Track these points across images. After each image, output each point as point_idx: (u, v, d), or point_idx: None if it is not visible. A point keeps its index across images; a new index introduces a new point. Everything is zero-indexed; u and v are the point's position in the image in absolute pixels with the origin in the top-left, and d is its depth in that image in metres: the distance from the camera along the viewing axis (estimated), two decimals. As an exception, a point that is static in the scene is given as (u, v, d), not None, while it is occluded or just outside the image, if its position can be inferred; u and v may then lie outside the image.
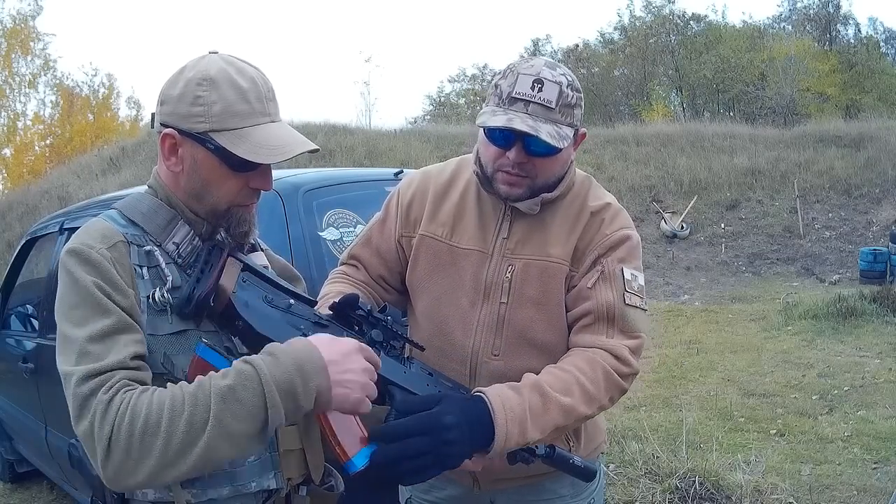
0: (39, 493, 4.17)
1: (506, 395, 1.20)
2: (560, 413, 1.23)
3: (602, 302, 1.34)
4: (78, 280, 1.01)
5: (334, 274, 1.58)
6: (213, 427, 0.90)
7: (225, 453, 0.93)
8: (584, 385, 1.26)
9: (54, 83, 24.07)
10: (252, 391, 0.93)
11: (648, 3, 31.63)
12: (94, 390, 0.93)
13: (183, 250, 1.11)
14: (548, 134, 1.26)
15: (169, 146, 1.10)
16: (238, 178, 1.11)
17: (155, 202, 1.13)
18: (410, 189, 1.54)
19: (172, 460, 0.91)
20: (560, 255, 1.38)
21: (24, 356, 3.46)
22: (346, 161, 13.60)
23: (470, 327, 1.41)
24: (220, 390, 0.92)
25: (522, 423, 1.18)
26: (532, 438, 1.20)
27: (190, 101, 1.07)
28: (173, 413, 0.91)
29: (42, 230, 3.83)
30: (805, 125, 17.57)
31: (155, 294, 1.04)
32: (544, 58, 1.37)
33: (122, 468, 0.91)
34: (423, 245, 1.47)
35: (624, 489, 3.40)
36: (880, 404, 4.87)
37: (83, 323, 0.98)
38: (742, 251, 12.88)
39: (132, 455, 0.90)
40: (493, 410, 1.17)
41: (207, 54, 1.13)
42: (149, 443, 0.90)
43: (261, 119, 1.09)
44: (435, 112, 34.66)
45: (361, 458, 1.07)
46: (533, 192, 1.37)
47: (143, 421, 0.90)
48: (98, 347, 0.96)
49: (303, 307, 1.14)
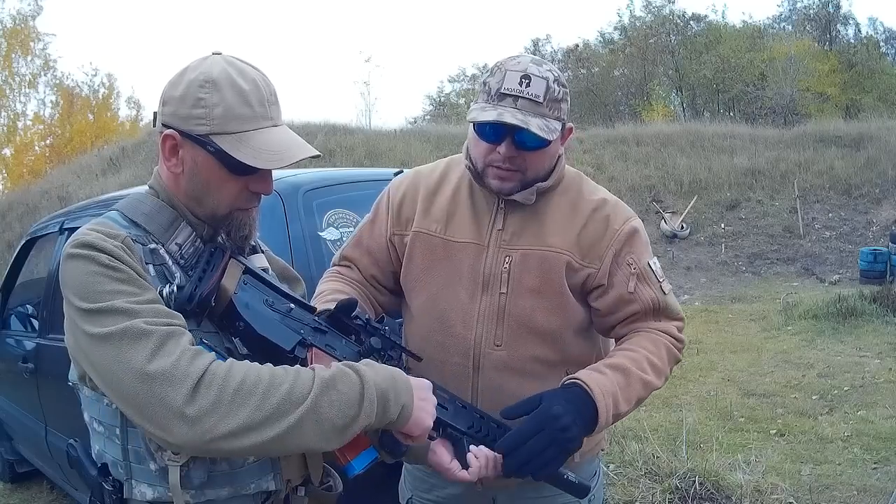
0: (39, 493, 4.17)
1: (595, 377, 1.30)
2: (641, 386, 1.34)
3: (647, 301, 1.42)
4: (93, 260, 0.97)
5: (328, 273, 1.60)
6: (310, 406, 0.94)
7: (308, 437, 0.96)
8: (653, 360, 1.37)
9: (54, 83, 24.11)
10: (352, 385, 0.99)
11: (648, 3, 31.64)
12: (175, 332, 0.94)
13: (185, 251, 1.11)
14: (537, 127, 1.29)
15: (170, 147, 1.09)
16: (238, 182, 1.10)
17: (157, 203, 1.12)
18: (401, 189, 1.55)
19: (260, 423, 0.92)
20: (559, 245, 1.40)
21: (24, 356, 3.46)
22: (346, 161, 13.58)
23: (470, 319, 1.42)
24: (323, 377, 0.98)
25: (615, 397, 1.29)
26: (622, 411, 1.32)
27: (191, 102, 1.06)
28: (273, 381, 0.95)
29: (42, 230, 3.83)
30: (805, 125, 17.56)
31: (163, 291, 1.03)
32: (530, 55, 1.40)
33: (206, 414, 0.91)
34: (418, 241, 1.48)
35: (624, 489, 3.40)
36: (880, 404, 4.87)
37: (116, 294, 0.95)
38: (742, 251, 12.88)
39: (222, 403, 0.91)
40: (591, 391, 1.27)
41: (211, 55, 1.12)
42: (243, 398, 0.92)
43: (262, 123, 1.08)
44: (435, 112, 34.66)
45: (361, 461, 1.08)
46: (524, 186, 1.39)
47: (242, 378, 0.93)
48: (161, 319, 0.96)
49: (302, 312, 1.15)
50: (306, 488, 1.17)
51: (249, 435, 0.92)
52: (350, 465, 1.08)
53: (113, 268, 0.98)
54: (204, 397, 0.91)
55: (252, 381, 0.93)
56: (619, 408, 1.31)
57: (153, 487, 1.03)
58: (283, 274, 1.33)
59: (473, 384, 1.43)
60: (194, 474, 1.02)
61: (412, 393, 1.06)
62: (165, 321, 0.96)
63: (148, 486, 1.03)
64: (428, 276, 1.47)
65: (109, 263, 0.98)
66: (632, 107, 29.48)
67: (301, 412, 0.93)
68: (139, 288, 0.98)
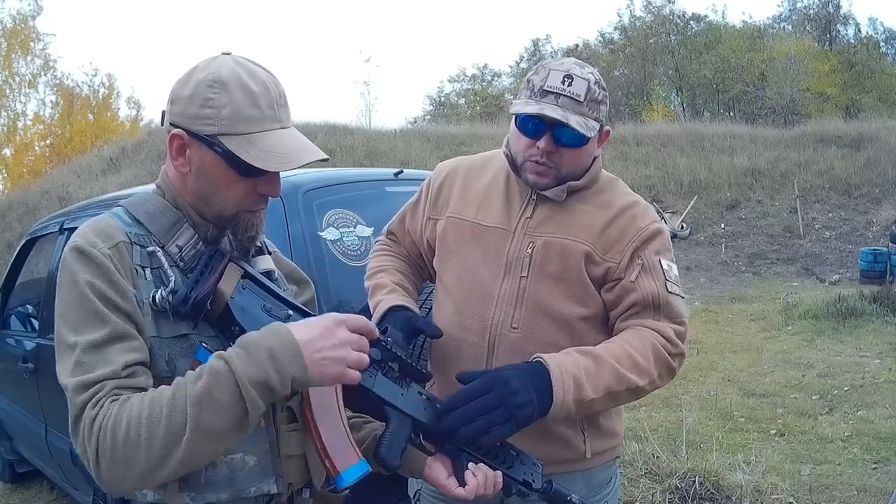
0: (39, 493, 4.17)
1: (557, 356, 1.29)
2: (612, 375, 1.29)
3: (647, 292, 1.40)
4: (77, 282, 1.01)
5: (379, 244, 1.71)
6: (193, 429, 0.92)
7: (208, 451, 0.95)
8: (633, 355, 1.33)
9: (54, 83, 24.12)
10: (228, 391, 0.93)
11: (648, 3, 31.70)
12: (84, 405, 0.96)
13: (185, 253, 1.10)
14: (577, 123, 1.35)
15: (177, 146, 1.09)
16: (245, 183, 1.09)
17: (162, 203, 1.12)
18: (442, 174, 1.62)
19: (157, 464, 0.93)
20: (582, 237, 1.43)
21: (24, 356, 3.46)
22: (346, 161, 13.58)
23: (490, 300, 1.45)
24: (196, 393, 0.93)
25: (577, 378, 1.26)
26: (588, 396, 1.27)
27: (200, 102, 1.05)
28: (151, 420, 0.92)
29: (42, 230, 3.83)
30: (805, 125, 17.57)
31: (156, 295, 1.04)
32: (573, 59, 1.46)
33: (110, 477, 0.95)
34: (450, 226, 1.54)
35: (624, 489, 3.40)
36: (880, 404, 4.88)
37: (79, 330, 0.99)
38: (742, 251, 12.88)
39: (118, 465, 0.94)
40: (547, 365, 1.25)
41: (220, 55, 1.11)
42: (131, 453, 0.93)
43: (271, 125, 1.08)
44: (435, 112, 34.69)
45: (351, 473, 1.08)
46: (559, 182, 1.44)
47: (125, 432, 0.93)
48: (91, 358, 0.98)
49: (301, 319, 1.14)
50: (311, 490, 1.16)
51: (156, 474, 0.94)
52: (340, 476, 1.07)
53: (85, 296, 1.00)
54: (103, 465, 0.94)
55: (134, 430, 0.93)
56: (583, 392, 1.27)
57: (153, 488, 1.03)
58: (292, 276, 1.32)
59: (488, 365, 1.44)
60: (192, 477, 1.01)
61: (301, 358, 0.97)
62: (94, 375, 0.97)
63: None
64: (456, 257, 1.52)
65: (85, 292, 1.00)
66: (632, 107, 29.50)
67: (187, 437, 0.92)
68: (98, 320, 0.99)
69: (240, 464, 1.06)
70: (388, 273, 1.59)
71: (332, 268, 2.23)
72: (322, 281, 2.16)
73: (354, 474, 1.08)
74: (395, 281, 1.56)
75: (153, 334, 1.03)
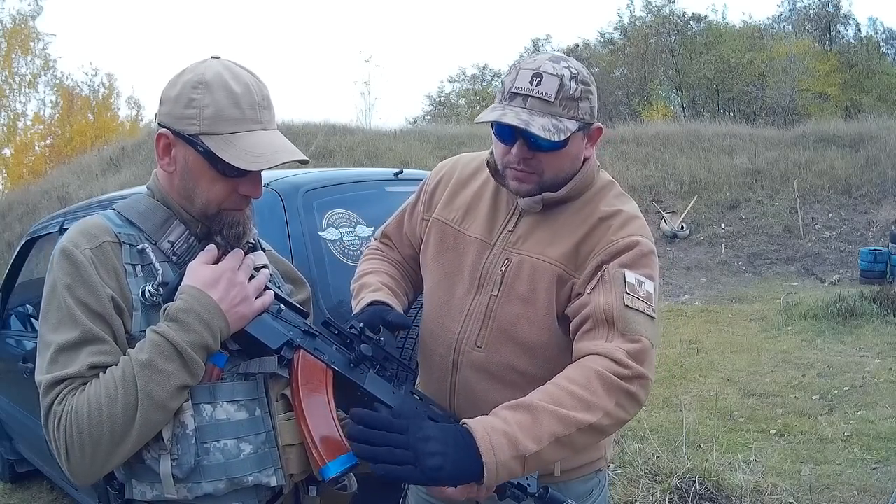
0: (39, 493, 4.17)
1: (484, 419, 1.12)
2: (554, 420, 1.12)
3: (599, 305, 1.25)
4: (56, 284, 1.06)
5: (370, 249, 1.64)
6: (143, 400, 0.99)
7: (158, 418, 1.01)
8: (575, 392, 1.15)
9: (54, 83, 24.12)
10: (172, 360, 1.02)
11: (648, 3, 31.66)
12: (52, 401, 1.02)
13: (178, 248, 1.14)
14: (541, 127, 1.23)
15: (163, 146, 1.13)
16: (227, 183, 1.13)
17: (152, 202, 1.17)
18: (440, 173, 1.57)
19: (121, 439, 0.99)
20: (554, 256, 1.34)
21: (24, 356, 3.46)
22: (346, 161, 13.58)
23: (460, 315, 1.41)
24: (142, 364, 1.00)
25: (510, 435, 1.09)
26: (530, 450, 1.09)
27: (184, 103, 1.10)
28: (109, 400, 0.99)
29: (42, 230, 3.83)
30: (805, 125, 17.57)
31: (145, 290, 1.08)
32: (553, 52, 1.35)
33: (81, 464, 1.01)
34: (435, 228, 1.49)
35: (624, 489, 3.40)
36: (880, 404, 4.88)
37: (55, 330, 1.05)
38: (742, 251, 12.88)
39: (86, 449, 0.99)
40: (470, 428, 1.09)
41: (209, 59, 1.15)
42: (97, 433, 0.99)
43: (251, 126, 1.11)
44: (435, 112, 34.68)
45: (337, 465, 1.08)
46: (542, 188, 1.35)
47: (87, 416, 0.99)
48: (63, 358, 1.03)
49: (293, 315, 1.18)
50: (318, 487, 1.17)
51: (119, 449, 1.00)
52: (326, 467, 1.08)
53: (62, 298, 1.05)
54: (73, 456, 1.00)
55: (96, 413, 0.99)
56: (520, 447, 1.08)
57: (152, 486, 1.06)
58: (287, 275, 1.36)
59: (451, 380, 1.41)
60: (184, 460, 1.04)
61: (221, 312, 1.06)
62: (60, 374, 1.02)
63: (147, 486, 1.06)
64: (435, 264, 1.48)
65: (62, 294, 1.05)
66: (632, 107, 29.48)
67: (141, 409, 0.99)
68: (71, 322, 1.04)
69: (234, 451, 1.08)
70: (375, 275, 1.52)
71: (331, 268, 2.23)
72: (322, 281, 2.16)
73: (340, 466, 1.08)
74: (381, 281, 1.50)
75: (144, 327, 1.06)
